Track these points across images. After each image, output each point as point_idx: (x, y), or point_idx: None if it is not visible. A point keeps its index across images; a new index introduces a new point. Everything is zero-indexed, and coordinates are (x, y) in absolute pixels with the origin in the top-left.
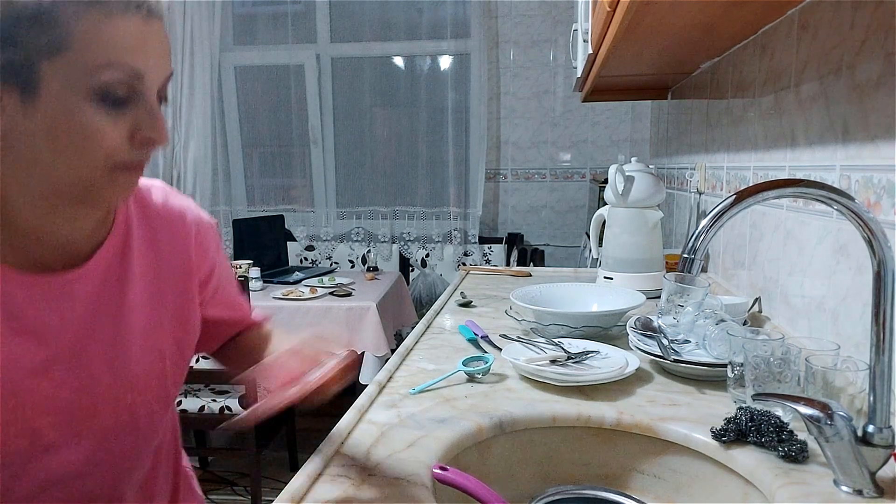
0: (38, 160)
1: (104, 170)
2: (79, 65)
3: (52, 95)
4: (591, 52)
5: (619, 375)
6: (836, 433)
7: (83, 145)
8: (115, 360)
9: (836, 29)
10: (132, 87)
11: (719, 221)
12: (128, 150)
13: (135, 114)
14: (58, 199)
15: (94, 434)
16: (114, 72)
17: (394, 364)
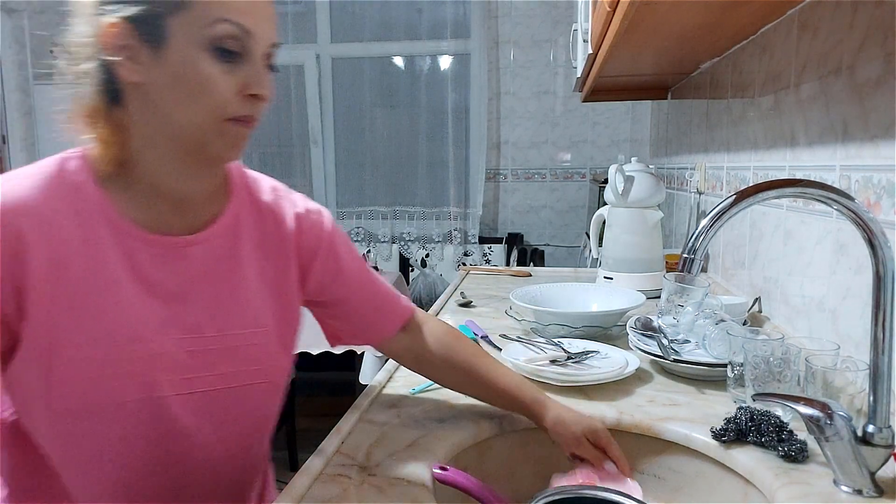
0: (162, 111)
1: (215, 120)
2: (198, 20)
3: (177, 48)
4: (591, 52)
5: (619, 375)
6: (835, 433)
7: (199, 94)
8: (225, 329)
9: (836, 29)
10: (243, 44)
11: (719, 221)
12: (237, 103)
13: (245, 70)
14: (176, 151)
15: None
16: (227, 26)
17: (394, 364)
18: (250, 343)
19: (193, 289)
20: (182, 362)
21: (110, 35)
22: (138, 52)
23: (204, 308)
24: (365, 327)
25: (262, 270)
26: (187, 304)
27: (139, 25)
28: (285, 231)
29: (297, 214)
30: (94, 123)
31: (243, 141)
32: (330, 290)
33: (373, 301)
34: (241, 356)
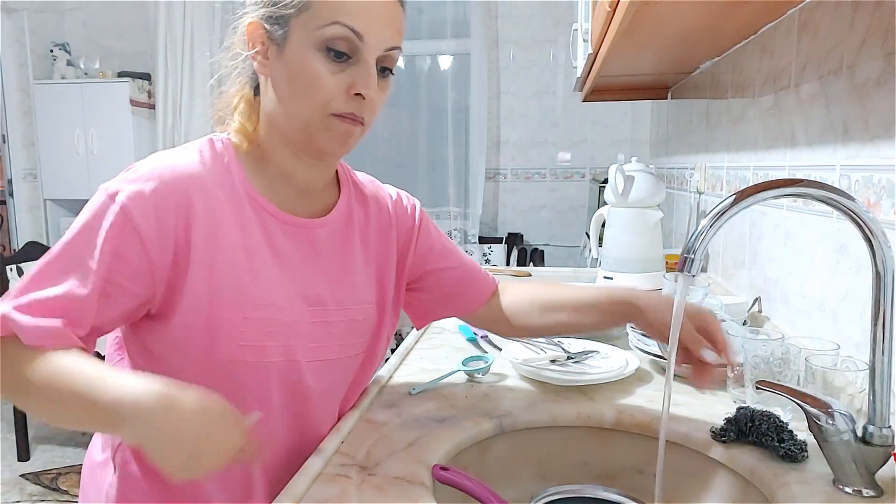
0: (280, 103)
1: (321, 114)
2: (314, 20)
3: (294, 46)
4: (592, 52)
5: (619, 375)
6: (836, 432)
7: (308, 89)
8: (342, 304)
9: (836, 29)
10: (353, 46)
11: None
12: (343, 100)
13: (353, 70)
14: (290, 141)
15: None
16: (338, 28)
17: (394, 364)
18: (360, 318)
19: (316, 266)
20: (310, 332)
21: (249, 33)
22: (267, 48)
23: (324, 284)
24: (459, 297)
25: (367, 253)
26: (312, 279)
27: (269, 25)
28: (386, 218)
29: (393, 202)
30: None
31: (349, 137)
32: (426, 264)
33: (465, 271)
34: (354, 329)
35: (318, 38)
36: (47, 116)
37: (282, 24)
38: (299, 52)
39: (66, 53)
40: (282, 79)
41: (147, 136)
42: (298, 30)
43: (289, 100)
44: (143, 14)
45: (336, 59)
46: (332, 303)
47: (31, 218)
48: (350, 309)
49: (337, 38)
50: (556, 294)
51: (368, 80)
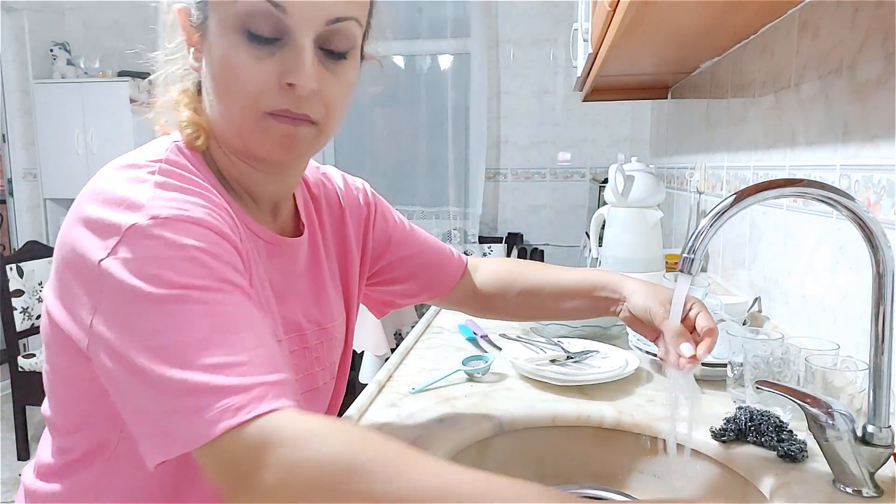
0: (212, 105)
1: (254, 114)
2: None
3: (215, 31)
4: (592, 52)
5: (619, 375)
6: (836, 432)
7: (231, 84)
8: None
9: (837, 29)
10: (278, 24)
11: (719, 221)
12: (275, 94)
13: (282, 55)
14: (234, 153)
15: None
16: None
17: (393, 363)
18: (335, 335)
19: (294, 289)
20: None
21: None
22: (194, 32)
23: (299, 307)
24: (429, 281)
25: (330, 262)
26: (289, 304)
27: (192, 9)
28: (338, 216)
29: (343, 194)
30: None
31: (293, 141)
32: (389, 253)
33: (431, 255)
34: (331, 348)
35: (235, 17)
36: (47, 116)
37: (201, 7)
38: (219, 39)
39: (66, 53)
40: (208, 74)
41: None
42: (216, 10)
43: (217, 99)
44: (143, 14)
45: (259, 42)
46: (307, 323)
47: (31, 217)
48: (326, 329)
49: (254, 15)
50: (537, 276)
51: (299, 65)
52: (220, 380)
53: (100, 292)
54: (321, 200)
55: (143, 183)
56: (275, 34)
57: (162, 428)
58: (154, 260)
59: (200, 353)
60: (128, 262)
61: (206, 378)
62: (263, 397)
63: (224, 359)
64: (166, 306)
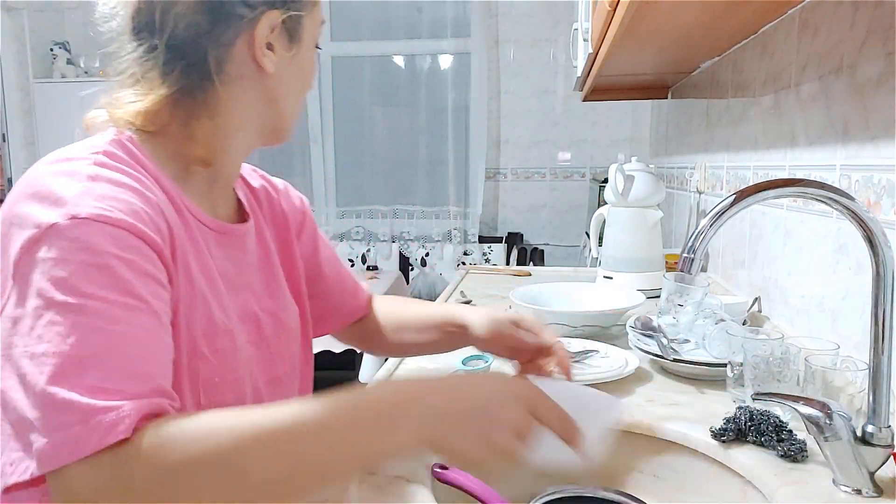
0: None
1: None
2: (316, 19)
3: (306, 45)
4: (592, 52)
5: (619, 375)
6: (835, 433)
7: (308, 85)
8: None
9: (837, 28)
10: None
11: (719, 221)
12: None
13: None
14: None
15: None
16: (323, 26)
17: (393, 363)
18: (291, 325)
19: (246, 277)
20: (253, 354)
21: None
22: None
23: (256, 296)
24: (337, 308)
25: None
26: (243, 293)
27: (286, 24)
28: (278, 208)
29: (281, 191)
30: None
31: None
32: (311, 264)
33: (344, 282)
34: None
35: (317, 34)
36: (47, 115)
37: (297, 21)
38: (308, 51)
39: (66, 53)
40: (292, 76)
41: None
42: (307, 28)
43: (289, 96)
44: None
45: None
46: (265, 316)
47: None
48: (281, 318)
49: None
50: (407, 312)
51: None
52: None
53: (11, 286)
54: (263, 201)
55: (74, 176)
56: None
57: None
58: (64, 263)
59: (81, 370)
60: (40, 261)
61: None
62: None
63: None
64: (63, 314)
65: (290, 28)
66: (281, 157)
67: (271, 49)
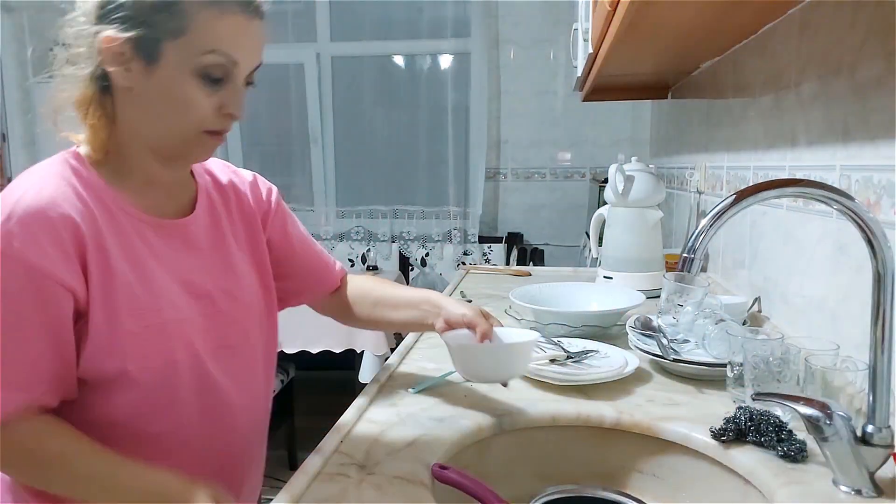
0: (147, 117)
1: (195, 132)
2: (190, 47)
3: (168, 68)
4: (592, 52)
5: (619, 375)
6: (835, 433)
7: (182, 111)
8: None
9: (837, 29)
10: (227, 71)
11: (719, 221)
12: (214, 119)
13: (225, 92)
14: (156, 150)
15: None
16: (215, 57)
17: (393, 363)
18: (249, 301)
19: (196, 261)
20: (203, 324)
21: (107, 44)
22: (131, 62)
23: (206, 276)
24: (309, 285)
25: (238, 241)
26: (194, 274)
27: (137, 42)
28: (247, 204)
29: (249, 183)
30: (85, 110)
31: (215, 148)
32: (280, 249)
33: (315, 261)
34: (248, 314)
35: (195, 65)
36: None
37: (152, 44)
38: (173, 76)
39: None
40: (152, 97)
41: None
42: (172, 54)
43: (160, 118)
44: None
45: (210, 83)
46: (217, 292)
47: None
48: (236, 295)
49: (214, 66)
50: (386, 291)
51: (240, 101)
52: None
53: None
54: (229, 191)
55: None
56: (223, 76)
57: None
58: None
59: None
60: None
61: None
62: None
63: None
64: None
65: (144, 48)
66: (281, 157)
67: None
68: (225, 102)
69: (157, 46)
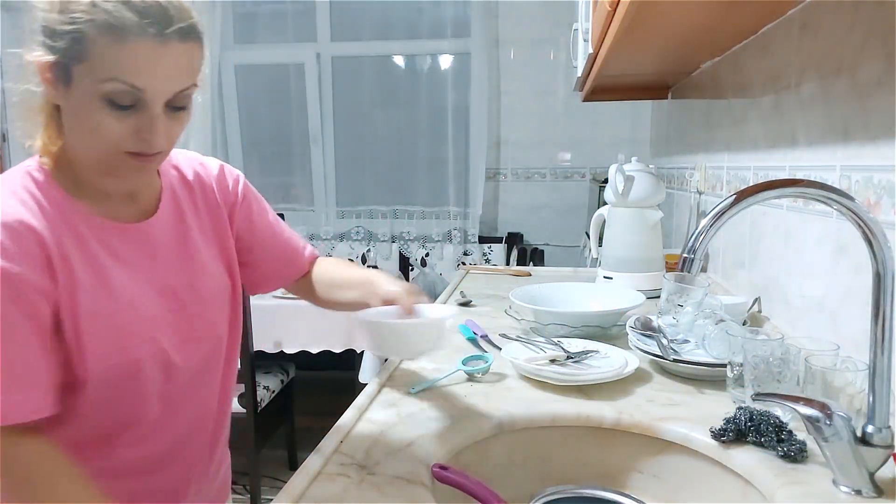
0: (76, 136)
1: (116, 153)
2: (93, 73)
3: (80, 90)
4: (592, 52)
5: (619, 375)
6: (834, 433)
7: (94, 134)
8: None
9: (837, 29)
10: (135, 98)
11: (719, 221)
12: (134, 141)
13: (139, 117)
14: (92, 168)
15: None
16: (117, 85)
17: (393, 363)
18: (214, 292)
19: (159, 260)
20: (168, 319)
21: (38, 65)
22: (56, 83)
23: (170, 273)
24: (278, 270)
25: (204, 234)
26: (158, 273)
27: (55, 64)
28: (211, 196)
29: (216, 176)
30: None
31: (146, 169)
32: (247, 237)
33: (283, 247)
34: (213, 304)
35: (99, 91)
36: None
37: (64, 66)
38: (82, 99)
39: None
40: (73, 117)
41: None
42: (80, 78)
43: (82, 137)
44: None
45: (119, 108)
46: (181, 287)
47: None
48: (200, 288)
49: (117, 93)
50: (339, 273)
51: (154, 128)
52: None
53: None
54: (194, 185)
55: None
56: (133, 103)
57: None
58: None
59: None
60: None
61: None
62: None
63: None
64: None
65: (60, 71)
66: (281, 157)
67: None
68: (140, 127)
69: (68, 70)
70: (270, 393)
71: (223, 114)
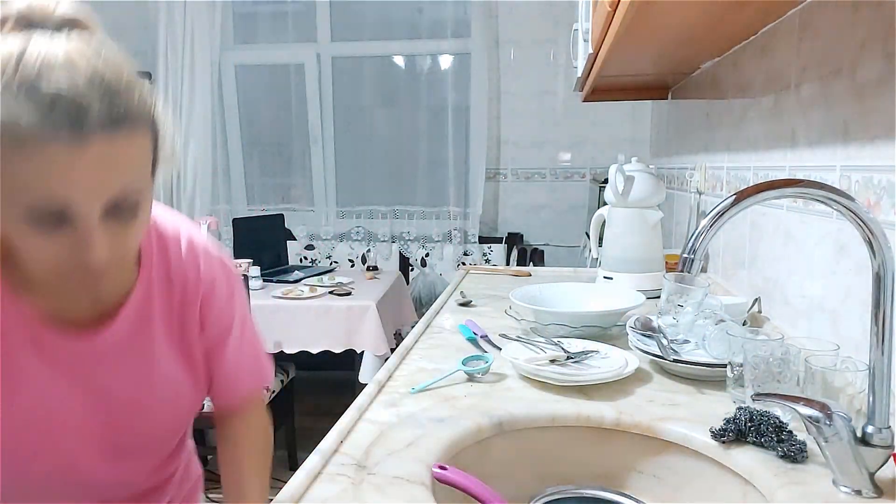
0: None
1: (56, 272)
2: (6, 192)
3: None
4: (592, 52)
5: (619, 375)
6: (835, 433)
7: (29, 255)
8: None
9: (837, 29)
10: (59, 215)
11: (719, 221)
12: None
13: (71, 233)
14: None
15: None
16: (33, 200)
17: (393, 363)
18: (162, 406)
19: (104, 367)
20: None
21: None
22: None
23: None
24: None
25: (170, 333)
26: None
27: None
28: (192, 294)
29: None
30: None
31: (94, 284)
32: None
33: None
34: (153, 420)
35: (12, 213)
36: None
37: None
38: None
39: None
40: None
41: None
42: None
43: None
44: (143, 13)
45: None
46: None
47: None
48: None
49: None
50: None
51: (89, 245)
52: None
53: None
54: (176, 284)
55: None
56: (61, 220)
57: None
58: None
59: None
60: None
61: None
62: None
63: None
64: None
65: None
66: (281, 158)
67: None
68: (74, 246)
69: None
70: (270, 393)
71: (223, 114)
